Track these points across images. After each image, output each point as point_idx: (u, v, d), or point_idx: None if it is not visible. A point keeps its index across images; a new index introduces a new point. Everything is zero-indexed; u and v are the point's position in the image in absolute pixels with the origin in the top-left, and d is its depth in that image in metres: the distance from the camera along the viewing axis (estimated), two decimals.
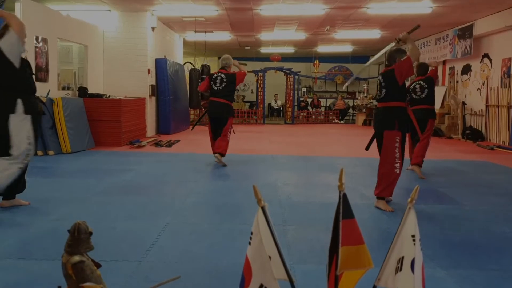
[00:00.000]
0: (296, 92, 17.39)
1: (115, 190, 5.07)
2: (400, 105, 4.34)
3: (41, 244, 3.23)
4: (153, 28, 10.79)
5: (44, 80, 7.80)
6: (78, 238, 1.89)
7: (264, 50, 17.86)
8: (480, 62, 11.35)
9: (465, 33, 11.41)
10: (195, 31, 12.53)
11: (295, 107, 17.15)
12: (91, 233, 1.93)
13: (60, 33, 8.49)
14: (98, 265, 1.96)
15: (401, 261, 1.41)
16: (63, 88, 9.25)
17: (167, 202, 4.58)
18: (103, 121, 8.62)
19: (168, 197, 4.83)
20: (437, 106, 12.79)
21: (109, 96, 9.31)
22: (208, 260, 3.01)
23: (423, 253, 1.50)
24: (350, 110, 18.87)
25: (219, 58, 21.60)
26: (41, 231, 3.52)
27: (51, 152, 7.39)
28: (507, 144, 9.72)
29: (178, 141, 9.92)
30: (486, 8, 9.64)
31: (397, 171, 4.31)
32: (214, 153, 6.64)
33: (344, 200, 1.31)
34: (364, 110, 16.35)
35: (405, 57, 4.34)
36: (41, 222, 3.75)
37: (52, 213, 4.01)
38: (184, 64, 13.91)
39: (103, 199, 4.62)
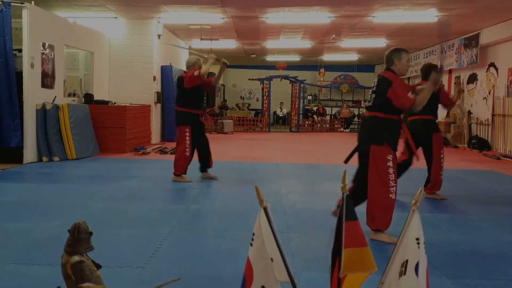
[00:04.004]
0: (301, 100, 17.39)
1: (119, 197, 5.06)
2: (392, 117, 3.64)
3: (44, 249, 3.23)
4: (159, 36, 10.85)
5: (50, 86, 7.84)
6: (78, 238, 1.88)
7: (269, 58, 17.90)
8: (486, 71, 11.31)
9: (471, 42, 11.39)
10: (201, 39, 12.59)
11: (300, 115, 17.14)
12: (91, 233, 1.92)
13: (66, 40, 8.55)
14: (98, 266, 1.94)
15: (405, 264, 1.39)
16: (69, 95, 9.29)
17: (171, 208, 4.57)
18: (108, 127, 8.65)
19: (171, 204, 4.82)
20: (443, 115, 12.76)
21: (114, 103, 9.34)
22: (211, 266, 3.00)
23: (429, 262, 1.48)
24: (356, 119, 18.83)
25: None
26: (45, 237, 3.51)
27: (56, 158, 7.41)
28: None
29: None
30: (492, 18, 9.62)
31: (393, 196, 3.55)
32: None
33: (347, 201, 1.29)
34: None
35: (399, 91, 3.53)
36: (44, 227, 3.75)
37: (56, 219, 4.01)
38: None
39: (107, 206, 4.62)
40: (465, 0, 8.12)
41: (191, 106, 5.80)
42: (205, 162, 6.09)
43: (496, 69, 10.87)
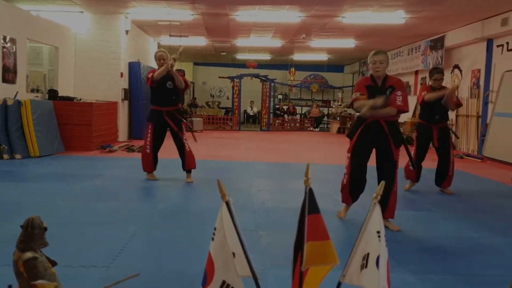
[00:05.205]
0: (272, 99, 17.43)
1: (85, 195, 4.93)
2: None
3: (4, 250, 3.08)
4: (127, 31, 10.64)
5: (12, 81, 7.57)
6: (32, 233, 1.80)
7: (240, 56, 17.87)
8: (451, 73, 11.63)
9: (437, 44, 11.68)
10: (170, 35, 12.43)
11: (271, 114, 17.19)
12: (45, 229, 1.84)
13: (29, 33, 8.28)
14: (53, 263, 1.86)
15: (366, 257, 1.39)
16: (32, 90, 8.99)
17: (138, 208, 4.48)
18: (74, 124, 8.41)
19: (138, 203, 4.74)
20: (409, 115, 13.03)
21: (80, 99, 9.10)
22: (177, 264, 2.95)
23: (394, 258, 1.49)
24: (325, 118, 19.04)
25: (194, 63, 21.58)
26: (5, 237, 3.36)
27: (18, 156, 7.16)
28: (476, 153, 9.95)
29: None
30: (457, 21, 9.89)
31: (344, 181, 4.21)
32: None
33: (310, 195, 1.28)
34: (338, 118, 16.51)
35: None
36: (5, 227, 3.60)
37: (18, 219, 3.81)
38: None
39: (72, 204, 4.49)
40: (432, 3, 8.32)
41: (155, 103, 5.71)
42: (182, 163, 5.83)
43: (460, 70, 11.19)
